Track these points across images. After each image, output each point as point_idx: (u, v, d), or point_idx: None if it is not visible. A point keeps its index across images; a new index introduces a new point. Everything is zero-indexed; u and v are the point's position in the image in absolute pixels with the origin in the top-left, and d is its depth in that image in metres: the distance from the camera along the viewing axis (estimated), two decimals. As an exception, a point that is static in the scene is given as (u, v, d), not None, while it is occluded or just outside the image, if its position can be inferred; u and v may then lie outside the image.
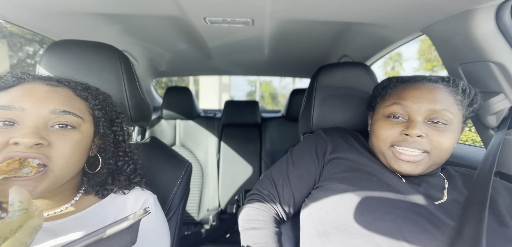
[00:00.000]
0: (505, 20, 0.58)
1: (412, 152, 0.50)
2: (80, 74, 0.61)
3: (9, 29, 1.17)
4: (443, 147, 0.49)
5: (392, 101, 0.55)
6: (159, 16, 0.84)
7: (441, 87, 0.52)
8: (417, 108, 0.51)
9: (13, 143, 0.38)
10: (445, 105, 0.50)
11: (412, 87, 0.53)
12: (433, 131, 0.49)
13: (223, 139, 1.78)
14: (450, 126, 0.50)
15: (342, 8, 0.71)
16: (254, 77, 12.29)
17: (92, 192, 0.51)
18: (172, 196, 0.68)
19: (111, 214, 0.49)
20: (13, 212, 0.30)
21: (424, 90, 0.52)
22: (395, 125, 0.53)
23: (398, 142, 0.51)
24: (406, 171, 0.51)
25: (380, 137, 0.55)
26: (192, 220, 1.68)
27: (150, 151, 0.72)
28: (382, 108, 0.57)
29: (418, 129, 0.49)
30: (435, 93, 0.51)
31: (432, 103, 0.50)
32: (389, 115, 0.55)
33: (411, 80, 0.56)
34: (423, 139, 0.49)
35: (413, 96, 0.52)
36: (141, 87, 0.74)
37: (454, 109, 0.51)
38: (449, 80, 0.53)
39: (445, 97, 0.51)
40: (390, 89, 0.58)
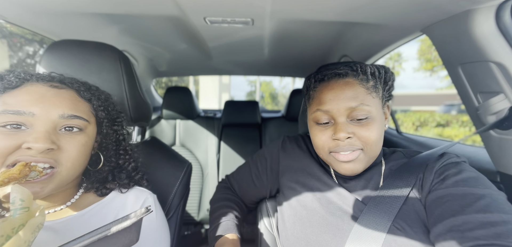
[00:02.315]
0: (505, 20, 0.58)
1: (348, 154, 0.52)
2: (80, 74, 0.61)
3: (9, 29, 1.16)
4: (372, 139, 0.51)
5: (315, 107, 0.55)
6: (159, 16, 0.84)
7: (351, 81, 0.52)
8: (337, 110, 0.52)
9: (25, 148, 0.39)
10: (359, 100, 0.51)
11: (326, 88, 0.54)
12: (358, 128, 0.51)
13: (223, 139, 1.78)
14: (371, 117, 0.51)
15: (342, 8, 0.71)
16: (254, 77, 12.29)
17: (92, 190, 0.51)
18: (172, 196, 0.68)
19: (111, 213, 0.49)
20: (14, 211, 0.30)
21: (337, 89, 0.52)
22: (324, 130, 0.54)
23: (334, 148, 0.53)
24: (349, 170, 0.53)
25: (317, 146, 0.56)
26: (192, 220, 1.68)
27: (150, 151, 0.72)
28: (310, 113, 0.58)
29: (344, 131, 0.50)
30: (347, 91, 0.52)
31: (347, 102, 0.51)
32: (316, 121, 0.56)
33: (325, 78, 0.55)
34: (353, 138, 0.51)
35: (330, 99, 0.52)
36: (141, 87, 0.74)
37: (369, 100, 0.51)
38: (356, 69, 0.53)
39: (357, 91, 0.51)
40: (311, 90, 0.58)
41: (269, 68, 1.70)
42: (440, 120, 8.87)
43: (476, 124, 0.72)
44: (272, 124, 1.85)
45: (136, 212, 0.38)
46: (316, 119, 0.55)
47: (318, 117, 0.54)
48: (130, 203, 0.52)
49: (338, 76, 0.54)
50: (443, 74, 3.38)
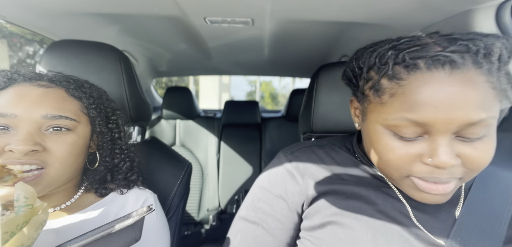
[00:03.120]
0: (505, 20, 0.58)
1: (441, 186, 0.34)
2: (80, 74, 0.61)
3: (9, 29, 1.16)
4: (483, 164, 0.34)
5: (397, 113, 0.33)
6: (159, 16, 0.84)
7: (475, 77, 0.30)
8: (444, 126, 0.31)
9: (8, 151, 0.38)
10: (486, 111, 0.31)
11: (429, 86, 0.31)
12: (468, 149, 0.33)
13: (223, 139, 1.78)
14: (492, 129, 0.33)
15: (342, 8, 0.71)
16: (254, 77, 12.29)
17: (92, 190, 0.51)
18: (172, 196, 0.68)
19: (111, 213, 0.49)
20: (18, 208, 0.30)
21: (451, 88, 0.30)
22: (408, 145, 0.34)
23: (421, 175, 0.35)
24: (431, 202, 0.36)
25: (389, 164, 0.37)
26: (192, 220, 1.68)
27: (150, 151, 0.72)
28: (381, 117, 0.36)
29: (451, 155, 0.32)
30: (467, 92, 0.30)
31: (467, 113, 0.30)
32: (396, 132, 0.35)
33: (421, 64, 0.32)
34: (457, 164, 0.33)
35: (435, 107, 0.31)
36: (141, 87, 0.74)
37: (493, 103, 0.32)
38: (478, 52, 0.30)
39: (483, 94, 0.31)
40: (386, 78, 0.35)
41: (269, 68, 1.70)
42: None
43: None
44: (272, 123, 1.85)
45: (138, 211, 0.38)
46: (397, 130, 0.34)
47: (402, 130, 0.34)
48: (130, 203, 0.51)
49: (450, 65, 0.30)
50: None
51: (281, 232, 0.45)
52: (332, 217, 0.41)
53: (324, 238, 0.41)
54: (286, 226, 0.46)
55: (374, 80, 0.37)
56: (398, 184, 0.39)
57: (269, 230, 0.45)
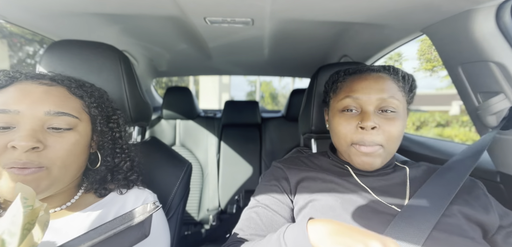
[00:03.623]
0: (505, 20, 0.58)
1: (370, 147, 0.52)
2: (80, 74, 0.61)
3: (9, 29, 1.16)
4: (394, 135, 0.52)
5: (343, 94, 0.56)
6: (159, 16, 0.84)
7: (385, 76, 0.55)
8: (368, 99, 0.53)
9: (11, 147, 0.38)
10: (391, 93, 0.53)
11: (360, 79, 0.56)
12: (384, 120, 0.52)
13: (223, 139, 1.78)
14: (398, 112, 0.53)
15: (342, 8, 0.71)
16: (254, 77, 12.29)
17: (92, 190, 0.51)
18: (172, 196, 0.68)
19: (111, 213, 0.49)
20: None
21: (371, 80, 0.54)
22: (350, 119, 0.55)
23: (357, 141, 0.53)
24: (368, 164, 0.53)
25: (340, 135, 0.56)
26: (192, 220, 1.68)
27: (150, 151, 0.72)
28: (336, 102, 0.59)
29: (372, 120, 0.51)
30: (381, 83, 0.54)
31: (380, 92, 0.53)
32: (343, 109, 0.56)
33: (357, 71, 0.58)
34: (377, 131, 0.52)
35: (362, 88, 0.54)
36: (141, 87, 0.74)
37: (399, 96, 0.54)
38: (389, 69, 0.57)
39: (389, 85, 0.54)
40: (340, 82, 0.60)
41: (269, 68, 1.70)
42: (440, 121, 8.87)
43: (476, 124, 0.72)
44: (272, 123, 1.85)
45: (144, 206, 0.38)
46: (343, 106, 0.56)
47: (346, 104, 0.55)
48: (130, 203, 0.51)
49: (372, 70, 0.57)
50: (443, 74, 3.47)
51: (278, 207, 0.57)
52: (311, 196, 0.54)
53: (307, 212, 0.53)
54: (281, 202, 0.57)
55: (334, 87, 0.62)
56: (348, 155, 0.56)
57: (268, 207, 0.57)
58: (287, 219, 0.56)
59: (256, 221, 0.55)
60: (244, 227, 0.55)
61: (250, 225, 0.54)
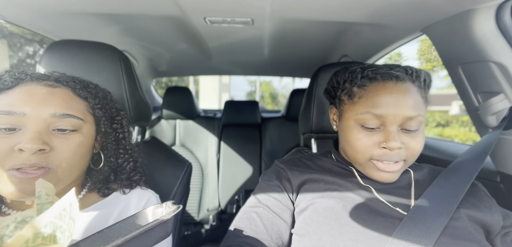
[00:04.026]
0: (505, 20, 0.58)
1: (391, 164, 0.49)
2: (80, 74, 0.61)
3: (9, 29, 1.16)
4: (418, 151, 0.49)
5: (364, 108, 0.50)
6: (159, 16, 0.84)
7: (411, 87, 0.49)
8: (393, 118, 0.47)
9: (18, 150, 0.39)
10: (418, 110, 0.48)
11: (384, 90, 0.48)
12: (408, 138, 0.48)
13: (223, 139, 1.78)
14: (422, 127, 0.50)
15: (342, 8, 0.71)
16: (254, 77, 12.29)
17: (95, 189, 0.51)
18: (172, 196, 0.68)
19: (113, 213, 0.49)
20: (41, 205, 0.31)
21: (397, 95, 0.48)
22: (370, 135, 0.50)
23: (378, 157, 0.49)
24: (387, 179, 0.51)
25: (357, 150, 0.51)
26: (192, 220, 1.68)
27: (150, 151, 0.72)
28: (353, 113, 0.52)
29: (398, 141, 0.47)
30: (407, 97, 0.48)
31: (407, 110, 0.47)
32: (362, 124, 0.50)
33: (378, 77, 0.50)
34: (401, 149, 0.48)
35: (387, 104, 0.48)
36: (141, 87, 0.74)
37: (423, 109, 0.49)
38: (412, 74, 0.50)
39: (416, 99, 0.48)
40: (356, 87, 0.52)
41: (269, 68, 1.70)
42: (440, 121, 8.87)
43: (476, 124, 0.72)
44: (272, 123, 1.84)
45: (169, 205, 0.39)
46: (363, 122, 0.50)
47: (367, 121, 0.49)
48: (133, 203, 0.52)
49: (396, 79, 0.49)
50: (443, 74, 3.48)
51: (279, 209, 0.54)
52: (313, 199, 0.52)
53: (309, 215, 0.51)
54: (282, 204, 0.55)
55: (347, 88, 0.54)
56: (363, 168, 0.53)
57: (269, 208, 0.54)
58: (287, 222, 0.54)
59: (256, 223, 0.52)
60: (245, 227, 0.52)
61: (251, 226, 0.52)
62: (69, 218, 0.29)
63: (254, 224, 0.52)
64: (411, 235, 0.43)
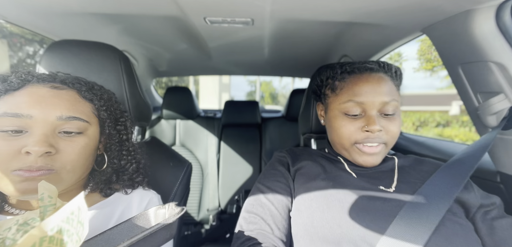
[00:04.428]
0: (505, 20, 0.58)
1: (374, 146, 0.55)
2: (80, 74, 0.61)
3: (9, 29, 1.16)
4: (396, 134, 0.55)
5: (346, 97, 0.56)
6: (159, 16, 0.84)
7: (385, 77, 0.56)
8: (372, 103, 0.54)
9: (24, 153, 0.39)
10: (392, 96, 0.54)
11: (361, 80, 0.56)
12: (387, 122, 0.54)
13: (223, 139, 1.78)
14: (397, 113, 0.56)
15: (342, 8, 0.71)
16: (254, 77, 12.29)
17: (97, 190, 0.51)
18: (172, 196, 0.68)
19: (115, 213, 0.49)
20: (44, 207, 0.31)
21: (373, 83, 0.55)
22: (353, 121, 0.56)
23: (361, 140, 0.55)
24: (370, 162, 0.56)
25: (343, 135, 0.57)
26: (192, 220, 1.68)
27: (150, 151, 0.72)
28: (337, 104, 0.59)
29: (377, 124, 0.53)
30: (382, 85, 0.55)
31: (382, 96, 0.54)
32: (346, 112, 0.57)
33: (356, 70, 0.58)
34: (382, 131, 0.54)
35: (366, 92, 0.54)
36: (141, 87, 0.74)
37: (397, 95, 0.56)
38: (384, 66, 0.58)
39: (390, 87, 0.55)
40: (338, 81, 0.60)
41: (269, 68, 1.70)
42: (440, 120, 8.87)
43: (476, 124, 0.72)
44: (272, 124, 1.85)
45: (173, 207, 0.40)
46: (346, 110, 0.56)
47: (349, 108, 0.56)
48: (135, 203, 0.52)
49: (370, 70, 0.57)
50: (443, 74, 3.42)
51: (282, 190, 0.59)
52: (306, 181, 0.58)
53: (302, 195, 0.56)
54: (286, 185, 0.60)
55: (330, 83, 0.62)
56: (349, 153, 0.59)
57: (273, 189, 0.59)
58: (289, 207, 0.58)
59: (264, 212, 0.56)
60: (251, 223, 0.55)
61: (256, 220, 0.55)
62: (77, 222, 0.28)
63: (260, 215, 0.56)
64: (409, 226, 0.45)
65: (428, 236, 0.43)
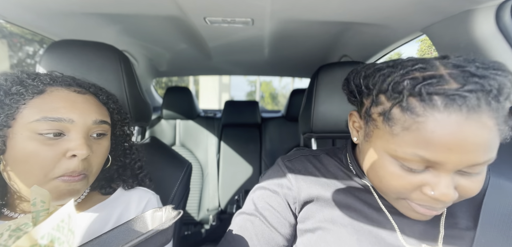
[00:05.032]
0: (505, 20, 0.58)
1: (434, 211, 0.36)
2: (80, 74, 0.61)
3: (9, 29, 1.16)
4: (475, 193, 0.35)
5: (409, 149, 0.33)
6: (159, 16, 0.84)
7: (486, 119, 0.30)
8: (453, 166, 0.32)
9: (69, 157, 0.40)
10: (491, 152, 0.32)
11: (447, 125, 0.31)
12: (466, 181, 0.34)
13: (223, 139, 1.78)
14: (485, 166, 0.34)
15: (342, 8, 0.71)
16: (254, 77, 12.29)
17: (97, 188, 0.52)
18: (172, 196, 0.68)
19: (114, 213, 0.49)
20: (37, 213, 0.30)
21: (466, 134, 0.30)
22: (412, 176, 0.35)
23: (417, 200, 0.36)
24: (420, 218, 0.39)
25: (389, 188, 0.38)
26: (192, 220, 1.68)
27: (150, 151, 0.72)
28: (389, 145, 0.36)
29: (451, 189, 0.33)
30: (480, 136, 0.30)
31: (475, 157, 0.31)
32: (403, 163, 0.35)
33: (439, 102, 0.31)
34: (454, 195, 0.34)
35: (449, 149, 0.31)
36: (141, 87, 0.74)
37: (497, 144, 0.32)
38: (490, 93, 0.30)
39: (491, 139, 0.31)
40: (399, 108, 0.34)
41: (269, 68, 1.70)
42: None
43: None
44: (272, 124, 1.85)
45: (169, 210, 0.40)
46: (406, 162, 0.34)
47: (411, 163, 0.34)
48: (134, 204, 0.52)
49: (467, 107, 0.30)
50: None
51: (278, 222, 0.48)
52: (322, 223, 0.44)
53: (316, 240, 0.44)
54: (282, 217, 0.48)
55: (385, 107, 0.36)
56: (392, 201, 0.41)
57: (266, 220, 0.48)
58: (285, 237, 0.48)
59: (250, 236, 0.47)
60: (237, 239, 0.47)
61: (245, 235, 0.47)
62: (67, 230, 0.28)
63: (247, 236, 0.47)
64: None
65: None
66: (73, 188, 0.41)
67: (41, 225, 0.27)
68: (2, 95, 0.39)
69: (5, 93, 0.39)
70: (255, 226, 0.47)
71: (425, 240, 0.40)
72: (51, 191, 0.39)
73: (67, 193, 0.41)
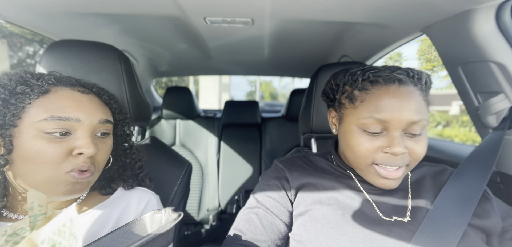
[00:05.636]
0: (505, 20, 0.58)
1: (395, 170, 0.47)
2: (80, 74, 0.61)
3: (9, 29, 1.16)
4: (421, 155, 0.47)
5: (367, 113, 0.47)
6: (159, 16, 0.84)
7: (414, 90, 0.46)
8: (397, 122, 0.45)
9: (77, 154, 0.40)
10: (422, 114, 0.45)
11: (387, 94, 0.46)
12: (412, 143, 0.46)
13: (223, 139, 1.78)
14: (425, 130, 0.47)
15: (342, 8, 0.71)
16: (254, 77, 12.29)
17: (97, 189, 0.52)
18: (172, 196, 0.68)
19: (114, 214, 0.49)
20: (35, 217, 0.30)
21: (401, 98, 0.45)
22: (373, 139, 0.47)
23: (380, 161, 0.47)
24: (387, 187, 0.49)
25: (359, 155, 0.49)
26: (192, 220, 1.68)
27: (150, 151, 0.72)
28: (355, 118, 0.49)
29: (402, 146, 0.44)
30: (412, 101, 0.45)
31: (411, 114, 0.44)
32: (365, 129, 0.48)
33: (380, 80, 0.47)
34: (405, 154, 0.46)
35: (391, 109, 0.45)
36: (141, 87, 0.74)
37: (426, 113, 0.47)
38: (414, 76, 0.47)
39: (419, 103, 0.46)
40: (357, 90, 0.49)
41: (269, 68, 1.70)
42: (440, 120, 8.87)
43: (476, 124, 0.72)
44: (272, 124, 1.85)
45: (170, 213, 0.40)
46: (366, 127, 0.47)
47: (369, 126, 0.47)
48: (133, 204, 0.52)
49: (398, 82, 0.46)
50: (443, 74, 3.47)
51: (278, 211, 0.54)
52: (311, 205, 0.52)
53: (306, 221, 0.51)
54: (282, 206, 0.55)
55: (348, 92, 0.52)
56: (364, 173, 0.51)
57: (268, 210, 0.54)
58: (286, 223, 0.54)
59: (256, 224, 0.52)
60: (244, 229, 0.52)
61: (251, 227, 0.52)
62: (69, 234, 0.28)
63: (253, 225, 0.52)
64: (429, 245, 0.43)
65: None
66: (81, 183, 0.42)
67: (41, 230, 0.27)
68: (7, 95, 0.39)
69: (10, 93, 0.40)
70: (260, 216, 0.53)
71: (396, 214, 0.50)
72: (60, 185, 0.40)
73: (75, 189, 0.41)
